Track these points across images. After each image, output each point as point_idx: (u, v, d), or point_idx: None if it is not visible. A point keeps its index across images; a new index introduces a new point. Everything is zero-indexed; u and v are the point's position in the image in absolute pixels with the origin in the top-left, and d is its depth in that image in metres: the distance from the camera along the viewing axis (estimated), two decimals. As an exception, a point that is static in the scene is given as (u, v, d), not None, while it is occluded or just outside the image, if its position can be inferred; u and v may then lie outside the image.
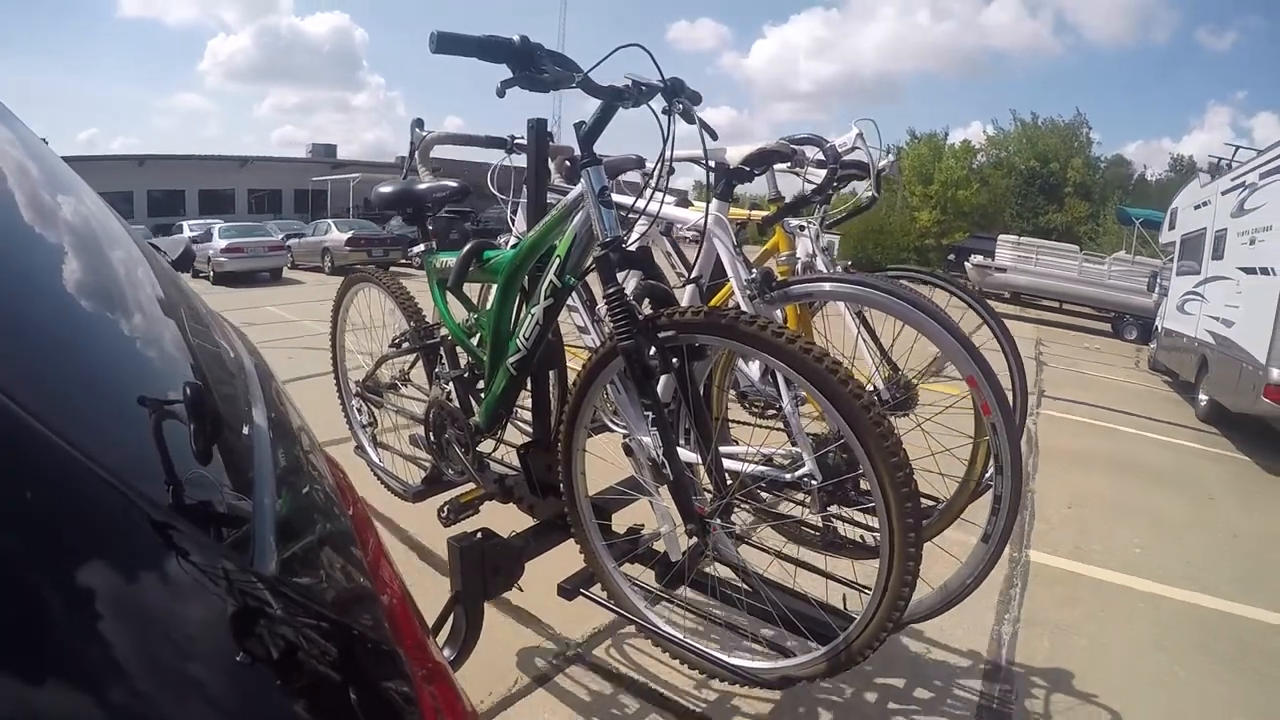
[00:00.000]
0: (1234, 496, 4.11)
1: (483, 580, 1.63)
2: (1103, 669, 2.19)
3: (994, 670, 2.13)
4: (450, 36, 1.22)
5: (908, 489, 1.13)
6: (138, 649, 0.37)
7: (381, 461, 2.31)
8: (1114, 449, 4.87)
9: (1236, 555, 3.21)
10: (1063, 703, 2.00)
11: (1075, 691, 2.06)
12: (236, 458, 0.66)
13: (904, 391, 2.01)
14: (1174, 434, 5.48)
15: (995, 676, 2.10)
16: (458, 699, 0.62)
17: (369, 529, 0.80)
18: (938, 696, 2.01)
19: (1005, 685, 2.07)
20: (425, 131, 2.06)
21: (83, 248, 0.71)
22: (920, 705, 1.97)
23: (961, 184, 25.35)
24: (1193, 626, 2.51)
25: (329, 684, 0.49)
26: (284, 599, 0.51)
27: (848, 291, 1.71)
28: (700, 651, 1.45)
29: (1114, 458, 4.63)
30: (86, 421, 0.48)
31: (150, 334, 0.72)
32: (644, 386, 1.34)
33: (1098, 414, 5.84)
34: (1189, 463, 4.77)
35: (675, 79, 1.34)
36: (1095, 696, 2.02)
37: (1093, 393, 6.78)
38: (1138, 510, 3.66)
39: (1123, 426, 5.55)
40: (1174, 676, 2.22)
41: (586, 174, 1.34)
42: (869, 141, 2.19)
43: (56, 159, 0.84)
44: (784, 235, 2.12)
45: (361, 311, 2.35)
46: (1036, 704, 2.01)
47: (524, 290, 1.59)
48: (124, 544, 0.41)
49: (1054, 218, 25.68)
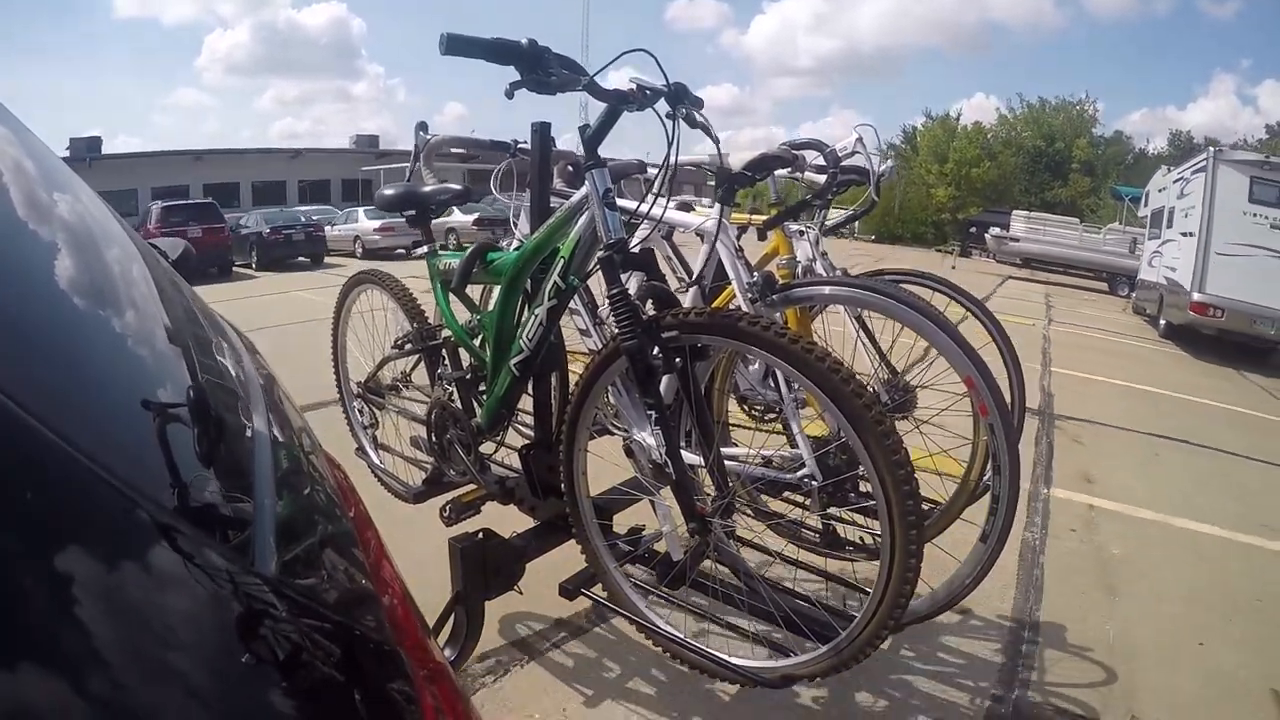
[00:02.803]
0: (1168, 364, 7.42)
1: (484, 580, 1.63)
2: (1092, 408, 4.85)
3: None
4: (460, 39, 1.23)
5: (909, 488, 1.14)
6: (138, 650, 0.37)
7: (382, 463, 2.32)
8: (1101, 343, 8.18)
9: (1158, 376, 6.47)
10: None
11: (1078, 417, 4.55)
12: (237, 459, 0.66)
13: (903, 394, 2.02)
14: (1141, 342, 8.74)
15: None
16: (459, 699, 0.62)
17: (370, 529, 0.80)
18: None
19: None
20: (429, 135, 2.07)
21: (82, 248, 0.72)
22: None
23: (974, 162, 27.24)
24: (1139, 396, 5.58)
25: (330, 684, 0.49)
26: (285, 600, 0.51)
27: (848, 295, 1.72)
28: (701, 651, 1.45)
29: (1100, 348, 7.82)
30: (87, 423, 0.48)
31: (151, 335, 0.72)
32: (647, 386, 1.34)
33: (1090, 330, 9.14)
34: (1147, 354, 7.97)
35: (679, 84, 1.35)
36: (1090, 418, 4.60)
37: (1088, 321, 9.99)
38: (1115, 365, 6.71)
39: (1108, 338, 8.73)
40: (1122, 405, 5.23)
41: (591, 176, 1.35)
42: (868, 147, 2.20)
43: (55, 159, 0.85)
44: (784, 239, 2.12)
45: (364, 311, 2.36)
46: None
47: (527, 292, 1.59)
48: (124, 545, 0.41)
49: (1059, 193, 27.72)
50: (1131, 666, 1.94)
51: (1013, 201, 24.82)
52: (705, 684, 1.70)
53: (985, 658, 1.95)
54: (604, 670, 1.84)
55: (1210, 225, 7.76)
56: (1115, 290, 14.64)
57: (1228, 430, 4.71)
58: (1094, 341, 8.22)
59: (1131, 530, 2.86)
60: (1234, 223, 7.67)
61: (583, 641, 1.95)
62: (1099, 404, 5.00)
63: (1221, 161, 7.91)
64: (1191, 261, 7.85)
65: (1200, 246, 7.79)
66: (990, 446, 1.57)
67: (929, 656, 1.94)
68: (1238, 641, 2.11)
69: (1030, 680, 1.87)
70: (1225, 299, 7.55)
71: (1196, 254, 7.78)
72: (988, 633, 2.06)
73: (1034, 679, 1.87)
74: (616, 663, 1.87)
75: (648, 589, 1.63)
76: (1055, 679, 1.88)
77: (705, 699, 1.72)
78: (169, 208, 13.34)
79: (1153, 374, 6.54)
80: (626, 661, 1.87)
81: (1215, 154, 8.04)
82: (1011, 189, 27.77)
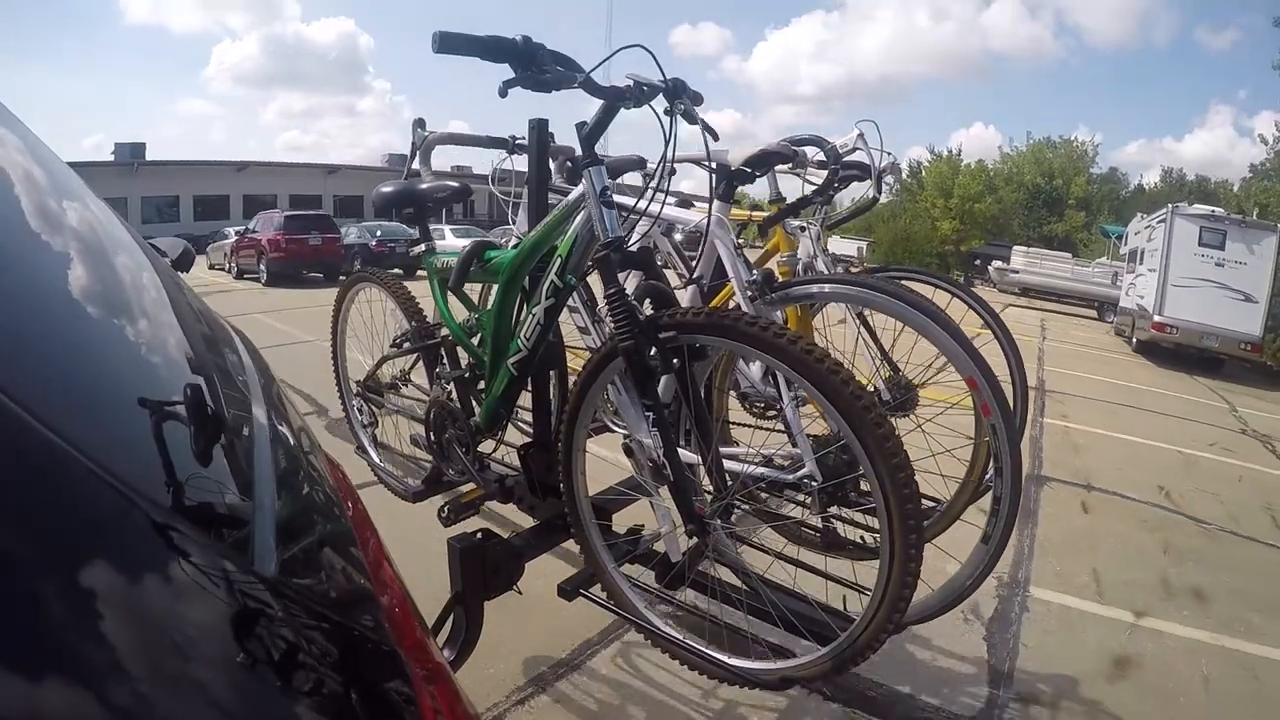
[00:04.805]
0: (1135, 368, 9.80)
1: (483, 580, 1.63)
2: (1071, 388, 7.11)
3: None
4: (452, 36, 1.22)
5: (908, 489, 1.13)
6: (138, 650, 0.37)
7: (382, 462, 2.31)
8: (1084, 353, 10.58)
9: (1125, 375, 8.84)
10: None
11: (1062, 391, 6.82)
12: (237, 459, 0.66)
13: (904, 393, 2.01)
14: (1117, 354, 11.18)
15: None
16: (458, 699, 0.62)
17: (369, 529, 0.80)
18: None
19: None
20: (426, 132, 2.06)
21: (83, 249, 0.71)
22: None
23: (977, 198, 29.30)
24: (1108, 386, 7.71)
25: (329, 684, 0.49)
26: (284, 600, 0.51)
27: (848, 293, 1.71)
28: (700, 652, 1.45)
29: (1084, 356, 10.21)
30: (88, 422, 0.48)
31: (151, 335, 0.72)
32: (644, 387, 1.34)
33: (1077, 346, 11.48)
34: (1121, 362, 10.29)
35: (677, 79, 1.34)
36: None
37: (1076, 340, 12.33)
38: (1093, 367, 9.03)
39: (1090, 350, 11.18)
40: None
41: (588, 174, 1.34)
42: (870, 142, 2.19)
43: (59, 161, 0.84)
44: (785, 236, 2.12)
45: (363, 311, 2.36)
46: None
47: (525, 290, 1.59)
48: (125, 545, 0.41)
49: (1055, 227, 29.38)
50: (1088, 472, 4.24)
51: (1012, 235, 27.19)
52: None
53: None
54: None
55: (1168, 263, 10.19)
56: (1104, 317, 16.48)
57: (1167, 405, 7.02)
58: (1079, 352, 10.59)
59: (1088, 436, 5.21)
60: (1187, 261, 10.12)
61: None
62: (1077, 386, 7.18)
63: (1178, 215, 10.40)
64: (1154, 291, 10.27)
65: (1161, 279, 10.21)
66: (992, 447, 1.56)
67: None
68: (1137, 469, 4.50)
69: (1042, 475, 4.12)
70: (1179, 319, 9.89)
71: (1158, 285, 10.22)
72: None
73: (1043, 474, 4.14)
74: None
75: (647, 589, 1.63)
76: (1052, 474, 4.17)
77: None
78: (291, 217, 13.95)
79: (1122, 373, 8.92)
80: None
81: (1173, 209, 10.55)
82: (1011, 223, 29.68)
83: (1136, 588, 2.78)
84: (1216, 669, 2.27)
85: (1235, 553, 3.30)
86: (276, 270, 13.12)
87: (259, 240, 13.62)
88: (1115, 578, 2.85)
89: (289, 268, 13.21)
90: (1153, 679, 2.18)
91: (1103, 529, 3.41)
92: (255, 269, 13.74)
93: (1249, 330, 9.72)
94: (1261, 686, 2.21)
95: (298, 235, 13.24)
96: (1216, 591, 2.81)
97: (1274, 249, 9.94)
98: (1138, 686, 2.14)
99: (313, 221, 14.13)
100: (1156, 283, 10.22)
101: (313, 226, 13.75)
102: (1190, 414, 6.66)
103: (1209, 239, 10.11)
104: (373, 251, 14.48)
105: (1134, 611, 2.58)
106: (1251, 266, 9.93)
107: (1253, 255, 9.95)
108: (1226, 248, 10.04)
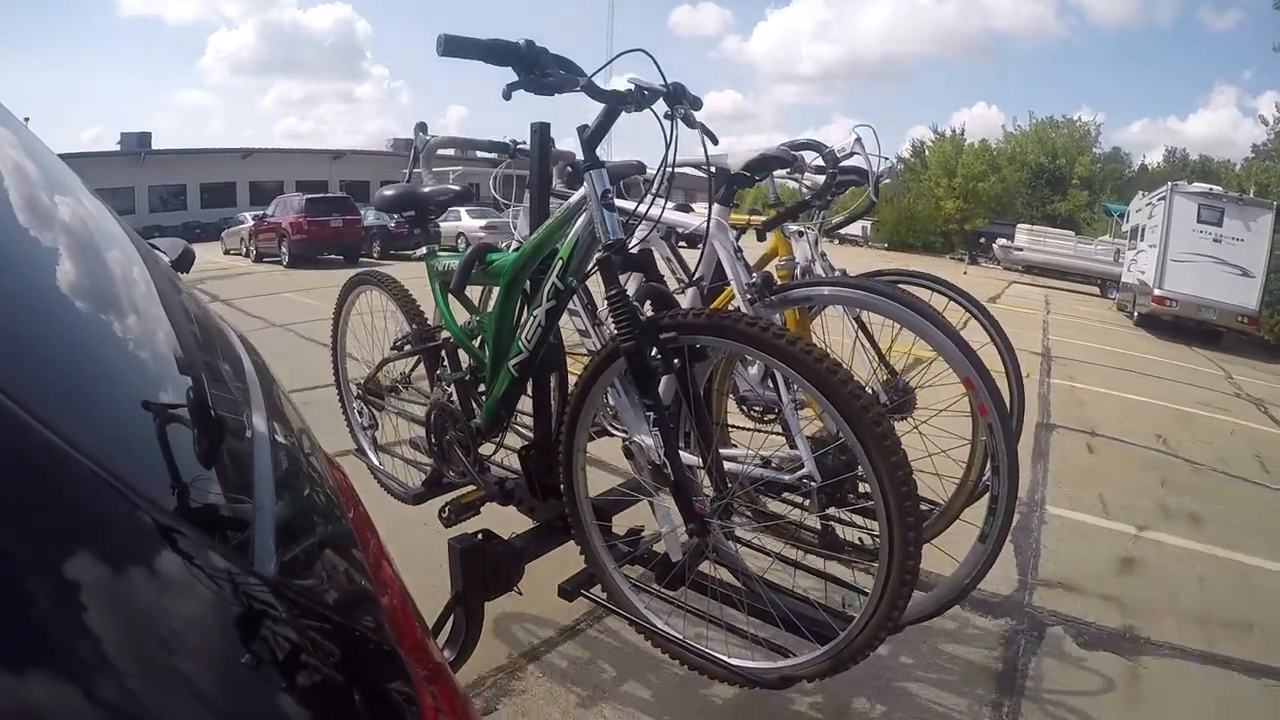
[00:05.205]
0: (1136, 339, 10.04)
1: (483, 581, 1.63)
2: (1075, 353, 7.66)
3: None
4: (457, 40, 1.23)
5: (907, 489, 1.14)
6: (138, 650, 0.37)
7: (382, 464, 2.32)
8: (1086, 326, 10.79)
9: (1126, 345, 9.25)
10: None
11: (1065, 357, 7.36)
12: (237, 460, 0.66)
13: (901, 394, 2.02)
14: (1119, 327, 11.45)
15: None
16: (458, 699, 0.62)
17: (369, 530, 0.80)
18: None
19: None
20: (429, 135, 2.07)
21: (82, 248, 0.72)
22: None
23: (980, 177, 29.01)
24: (1109, 354, 8.10)
25: (330, 685, 0.49)
26: (285, 601, 0.51)
27: (846, 295, 1.71)
28: (700, 652, 1.45)
29: (1086, 328, 10.38)
30: (88, 423, 0.48)
31: (151, 336, 0.72)
32: (645, 387, 1.34)
33: (1081, 319, 11.60)
34: (1122, 334, 10.59)
35: (677, 84, 1.35)
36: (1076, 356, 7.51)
37: (1079, 314, 12.44)
38: (1095, 338, 9.35)
39: (1092, 324, 11.23)
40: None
41: (590, 176, 1.35)
42: (867, 147, 2.20)
43: (55, 158, 0.84)
44: (783, 240, 2.12)
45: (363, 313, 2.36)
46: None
47: (526, 293, 1.59)
48: (124, 546, 0.41)
49: (1059, 206, 29.32)
50: (1092, 422, 4.67)
51: (1016, 214, 26.67)
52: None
53: (1028, 418, 2.90)
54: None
55: (1168, 238, 10.57)
56: (1106, 294, 16.69)
57: (1166, 371, 7.48)
58: (1082, 325, 10.84)
59: (1091, 395, 5.62)
60: (1186, 237, 10.48)
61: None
62: (1081, 354, 7.67)
63: (1177, 192, 10.79)
64: (1155, 265, 10.62)
65: (1161, 254, 10.57)
66: (989, 447, 1.57)
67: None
68: (1137, 421, 4.87)
69: (1051, 424, 4.55)
70: (1178, 293, 10.25)
71: (1158, 260, 10.58)
72: (1029, 417, 2.83)
73: (1052, 422, 4.59)
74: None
75: (646, 590, 1.63)
76: (1060, 423, 4.60)
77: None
78: (313, 200, 14.15)
79: (1123, 344, 9.28)
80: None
81: (1173, 187, 10.92)
82: (1015, 202, 29.48)
83: (1138, 510, 3.19)
84: (1210, 572, 2.67)
85: (1227, 489, 3.69)
86: (299, 252, 13.29)
87: (280, 224, 13.76)
88: (1119, 502, 3.27)
89: (310, 250, 13.37)
90: (1154, 576, 2.61)
91: (1106, 466, 3.86)
92: (276, 252, 13.87)
93: (1245, 303, 10.07)
94: (1250, 587, 2.60)
95: (320, 218, 13.45)
96: (1210, 517, 3.20)
97: (1270, 226, 10.33)
98: (1142, 579, 2.57)
99: (334, 204, 14.34)
100: (1156, 258, 10.56)
101: (334, 209, 13.97)
102: (1188, 379, 7.12)
103: (1207, 216, 10.46)
104: (392, 233, 14.67)
105: (1136, 526, 3.00)
106: (1248, 243, 10.30)
107: (1249, 232, 10.34)
108: (1224, 224, 10.41)
